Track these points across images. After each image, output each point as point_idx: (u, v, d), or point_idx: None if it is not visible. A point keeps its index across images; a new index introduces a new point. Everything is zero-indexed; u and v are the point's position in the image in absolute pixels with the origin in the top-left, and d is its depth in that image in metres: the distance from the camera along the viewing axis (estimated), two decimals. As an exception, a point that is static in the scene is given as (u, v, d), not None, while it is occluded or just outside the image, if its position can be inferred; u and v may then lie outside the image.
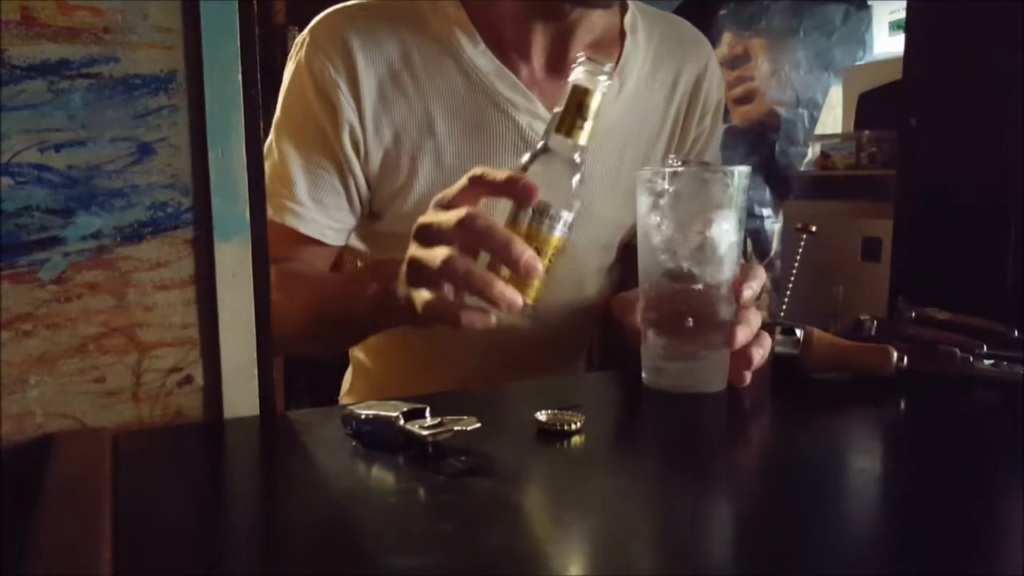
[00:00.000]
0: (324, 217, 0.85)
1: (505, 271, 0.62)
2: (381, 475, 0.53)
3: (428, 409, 0.56)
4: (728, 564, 0.43)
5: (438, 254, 0.61)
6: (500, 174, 0.62)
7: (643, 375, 0.70)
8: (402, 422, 0.55)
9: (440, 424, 0.55)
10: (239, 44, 0.59)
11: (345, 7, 0.85)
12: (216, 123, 0.59)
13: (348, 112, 0.82)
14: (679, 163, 0.68)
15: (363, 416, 0.56)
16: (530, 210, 0.62)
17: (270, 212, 0.81)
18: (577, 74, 0.64)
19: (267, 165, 0.84)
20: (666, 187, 0.67)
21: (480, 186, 0.63)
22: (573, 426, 0.59)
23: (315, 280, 0.84)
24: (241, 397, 0.62)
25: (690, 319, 0.67)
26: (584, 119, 0.64)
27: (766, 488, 0.55)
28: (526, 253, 0.60)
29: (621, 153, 0.90)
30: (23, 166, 0.56)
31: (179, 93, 0.59)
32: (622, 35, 0.89)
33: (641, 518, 0.49)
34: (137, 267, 0.59)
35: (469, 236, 0.61)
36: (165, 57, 0.58)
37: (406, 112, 0.83)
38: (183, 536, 0.46)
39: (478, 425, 0.55)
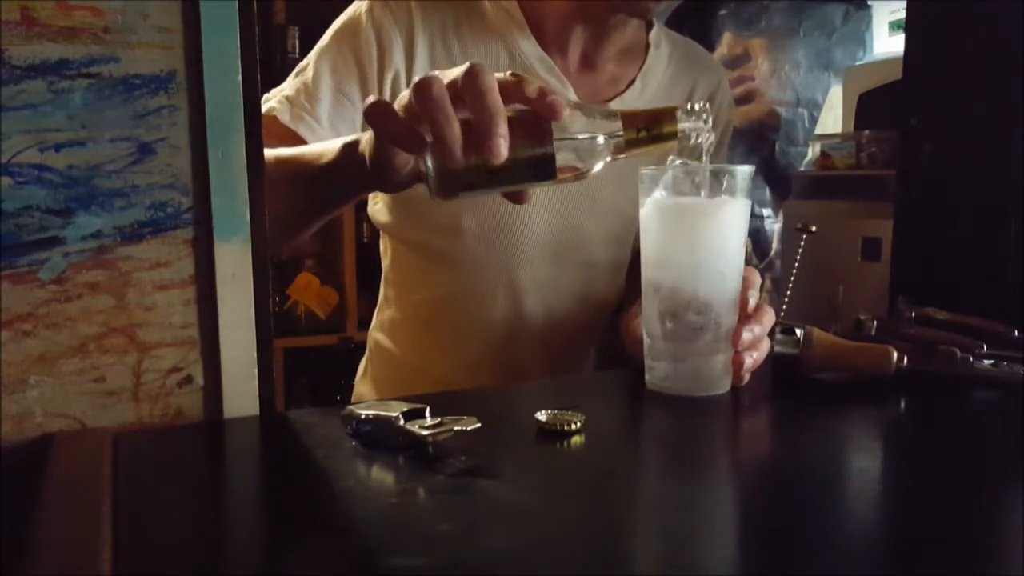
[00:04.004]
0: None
1: None
2: (381, 475, 0.53)
3: (428, 409, 0.56)
4: (728, 564, 0.43)
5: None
6: (535, 85, 0.58)
7: (646, 378, 0.70)
8: (402, 422, 0.55)
9: (440, 424, 0.55)
10: (239, 44, 0.59)
11: None
12: (216, 123, 0.59)
13: (398, 60, 0.87)
14: (680, 163, 0.67)
15: (363, 416, 0.56)
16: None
17: (286, 117, 0.85)
18: (683, 123, 0.61)
19: (297, 80, 0.88)
20: (668, 185, 0.67)
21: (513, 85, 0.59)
22: (573, 426, 0.59)
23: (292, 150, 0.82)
24: (241, 397, 0.62)
25: (692, 321, 0.67)
26: (650, 135, 0.60)
27: (766, 488, 0.55)
28: (501, 139, 0.55)
29: None
30: (23, 166, 0.56)
31: (179, 93, 0.59)
32: (646, 48, 0.98)
33: (641, 518, 0.49)
34: (137, 267, 0.59)
35: (466, 84, 0.56)
36: (165, 57, 0.58)
37: None
38: (183, 536, 0.46)
39: (478, 425, 0.55)
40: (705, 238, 0.67)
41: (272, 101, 0.86)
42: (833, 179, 2.24)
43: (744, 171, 0.67)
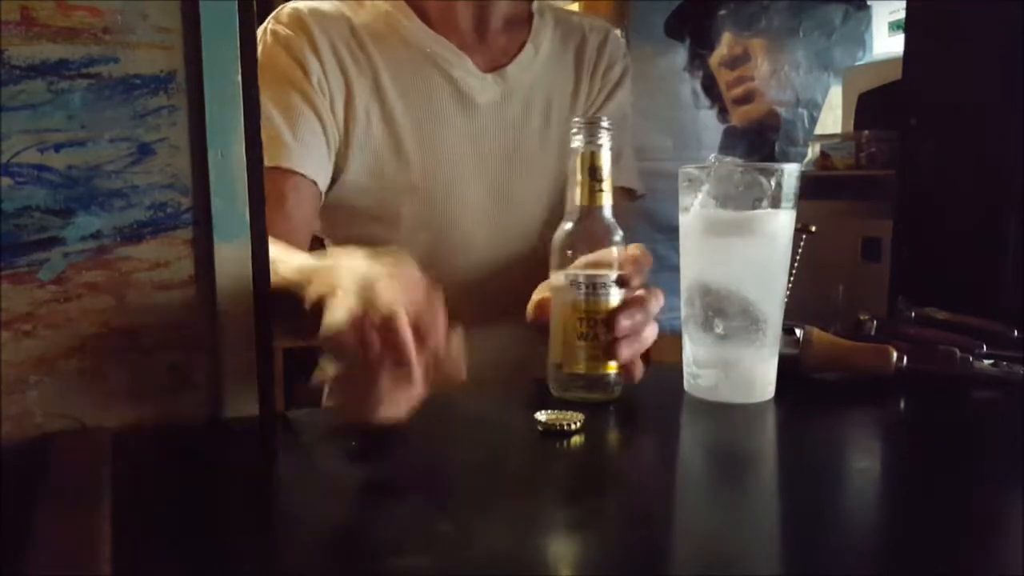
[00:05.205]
0: (310, 156, 0.90)
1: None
2: (381, 475, 0.53)
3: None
4: (728, 563, 0.43)
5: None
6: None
7: (686, 386, 0.69)
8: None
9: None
10: (239, 44, 0.59)
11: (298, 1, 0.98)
12: (216, 123, 0.59)
13: (314, 65, 0.91)
14: (716, 161, 0.66)
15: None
16: (587, 285, 0.64)
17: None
18: (577, 140, 0.65)
19: None
20: (709, 184, 0.65)
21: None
22: (573, 426, 0.59)
23: (283, 256, 0.78)
24: (241, 397, 0.62)
25: (743, 323, 0.66)
26: (600, 180, 0.65)
27: (766, 488, 0.55)
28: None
29: (548, 106, 1.01)
30: (23, 166, 0.56)
31: (179, 93, 0.59)
32: (530, 16, 1.03)
33: (640, 518, 0.49)
34: (137, 267, 0.59)
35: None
36: (165, 57, 0.58)
37: (357, 74, 0.93)
38: (183, 536, 0.46)
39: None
40: (754, 247, 0.67)
41: None
42: (833, 179, 2.23)
43: (790, 170, 0.65)
